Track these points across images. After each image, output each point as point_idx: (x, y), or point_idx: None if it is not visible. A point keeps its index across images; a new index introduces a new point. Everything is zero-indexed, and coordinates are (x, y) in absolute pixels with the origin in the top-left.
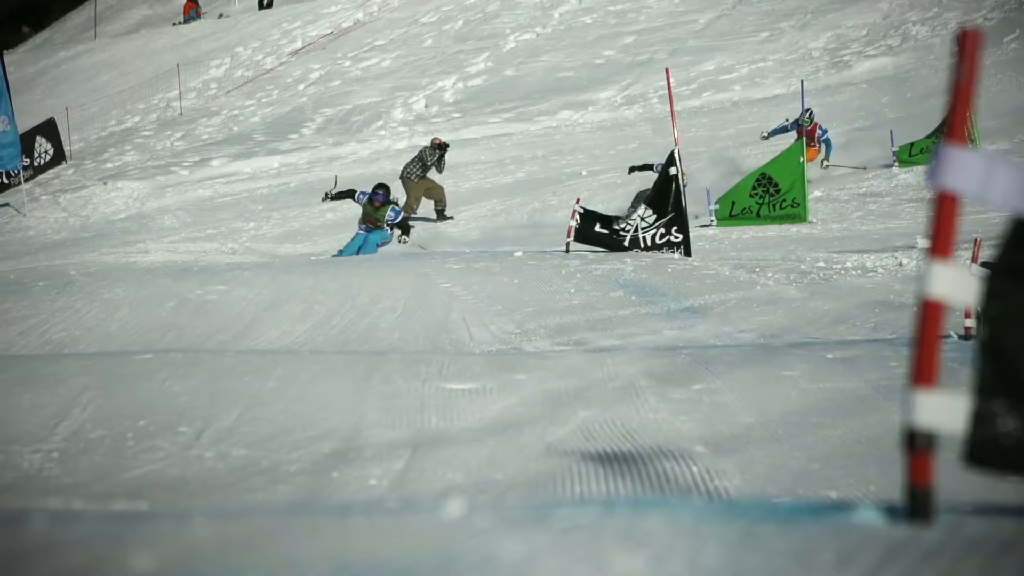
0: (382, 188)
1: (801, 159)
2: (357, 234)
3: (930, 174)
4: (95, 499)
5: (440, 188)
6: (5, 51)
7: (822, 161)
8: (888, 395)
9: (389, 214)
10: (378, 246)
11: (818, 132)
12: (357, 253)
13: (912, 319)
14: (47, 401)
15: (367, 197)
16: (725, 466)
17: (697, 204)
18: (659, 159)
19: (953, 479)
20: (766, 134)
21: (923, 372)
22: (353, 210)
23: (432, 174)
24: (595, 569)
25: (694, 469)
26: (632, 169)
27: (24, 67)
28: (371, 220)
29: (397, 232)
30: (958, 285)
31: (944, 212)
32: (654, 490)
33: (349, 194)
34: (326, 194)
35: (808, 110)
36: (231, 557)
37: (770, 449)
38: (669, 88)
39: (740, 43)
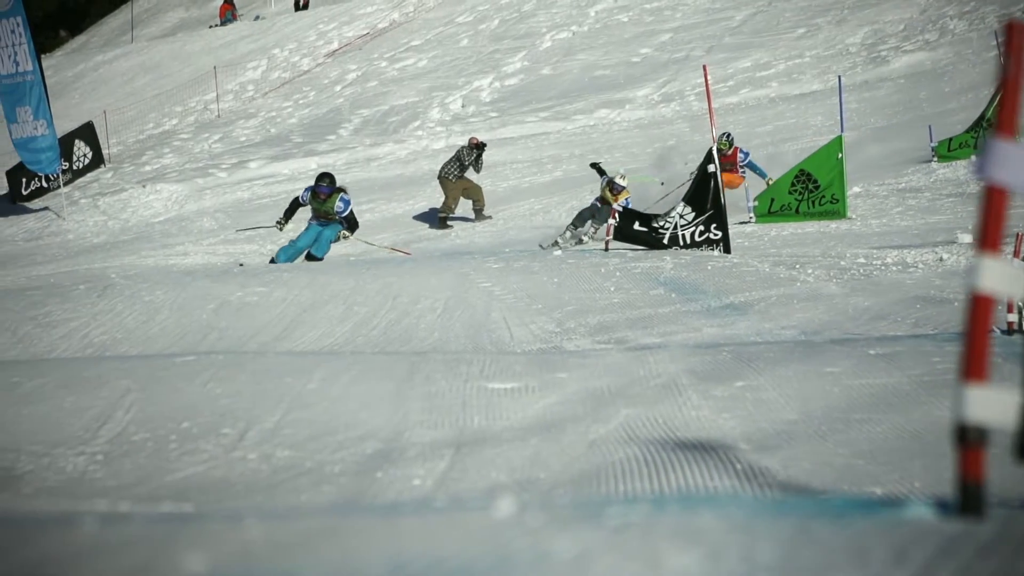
0: (326, 178)
1: (840, 155)
2: (310, 225)
3: (978, 168)
4: (140, 501)
5: (478, 188)
6: (43, 55)
7: (767, 181)
8: (931, 391)
9: (338, 204)
10: (331, 242)
11: (739, 156)
12: (307, 249)
13: (953, 314)
14: (90, 404)
15: (310, 192)
16: (769, 463)
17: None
18: (695, 157)
19: (1004, 474)
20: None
21: (973, 367)
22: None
23: (470, 174)
24: (650, 567)
25: (737, 466)
26: (594, 165)
27: (62, 71)
28: (321, 215)
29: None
30: (1007, 279)
31: (992, 206)
32: (698, 487)
33: (295, 204)
34: (278, 222)
35: (727, 134)
36: (284, 558)
37: (813, 445)
38: (707, 85)
39: (776, 39)
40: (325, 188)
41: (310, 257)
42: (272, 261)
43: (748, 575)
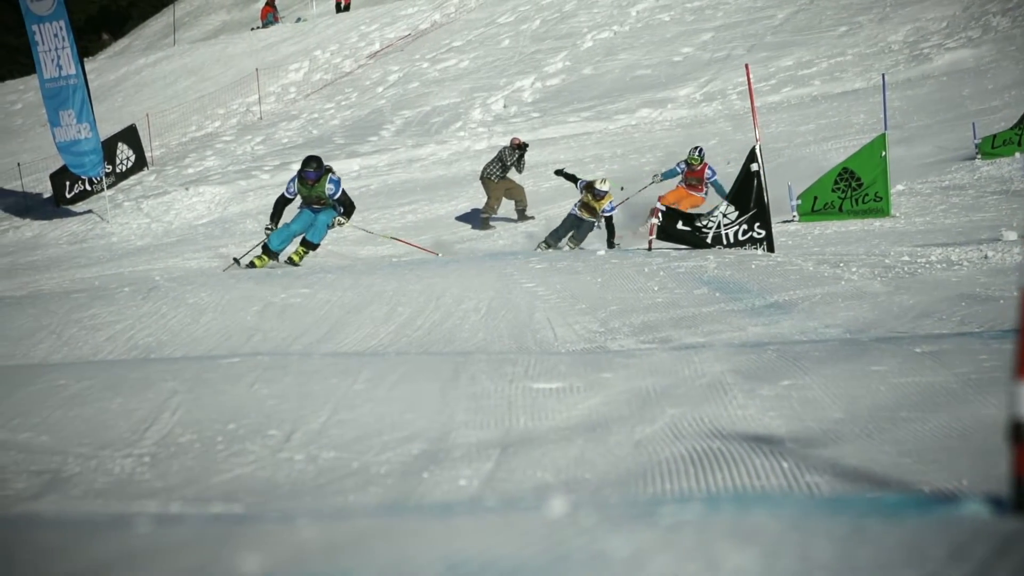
0: (312, 162)
1: (884, 153)
2: (303, 211)
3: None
4: (189, 503)
5: (520, 188)
6: (85, 58)
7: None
8: (978, 388)
9: (328, 187)
10: (328, 227)
11: (707, 173)
12: (301, 234)
13: (999, 312)
14: (136, 406)
15: (295, 181)
16: (815, 462)
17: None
18: (737, 156)
19: None
20: (659, 177)
21: None
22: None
23: (512, 174)
24: (706, 566)
25: (784, 465)
26: (559, 172)
27: (104, 74)
28: (312, 201)
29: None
30: None
31: None
32: (745, 487)
33: (281, 203)
34: (267, 228)
35: (698, 148)
36: (340, 558)
37: (860, 444)
38: (749, 84)
39: (819, 37)
40: (312, 173)
41: (305, 244)
42: (264, 248)
43: (805, 574)
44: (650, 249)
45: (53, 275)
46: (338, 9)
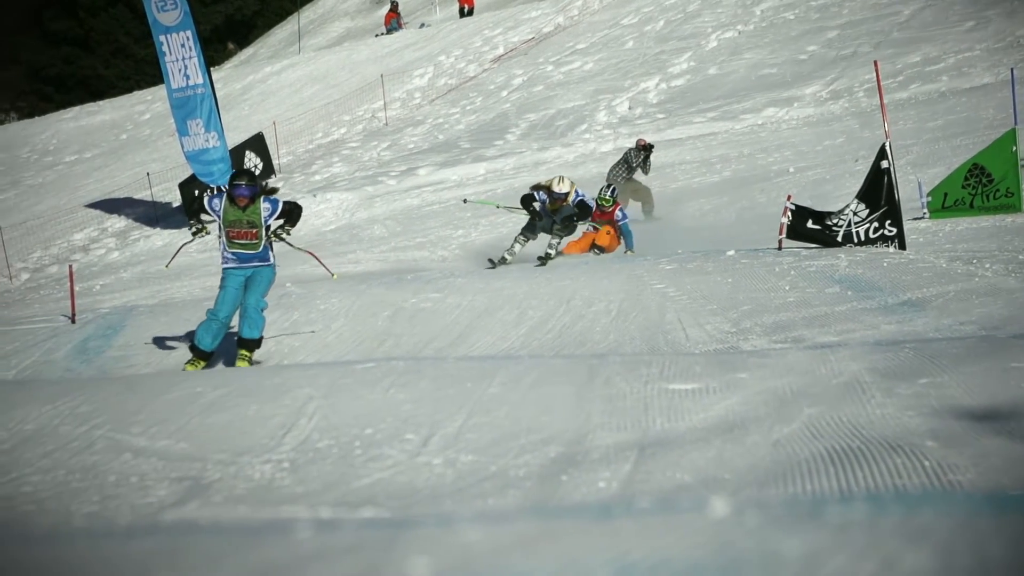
0: (243, 175)
1: (1014, 148)
2: (228, 276)
3: None
4: (335, 508)
5: (647, 190)
6: (212, 68)
7: (625, 251)
8: None
9: (265, 207)
10: (264, 302)
11: (617, 215)
12: (231, 320)
13: None
14: (273, 412)
15: (222, 197)
16: (958, 460)
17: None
18: (866, 154)
19: None
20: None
21: None
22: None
23: (638, 176)
24: (883, 566)
25: (926, 464)
26: (525, 200)
27: (231, 83)
28: (240, 235)
29: (285, 230)
30: None
31: None
32: (887, 486)
33: (198, 202)
34: (193, 232)
35: (611, 186)
36: (508, 560)
37: (1003, 442)
38: (879, 81)
39: (946, 33)
40: (244, 190)
41: (242, 344)
42: (191, 347)
43: (984, 574)
44: (780, 248)
45: (184, 283)
46: (461, 14)
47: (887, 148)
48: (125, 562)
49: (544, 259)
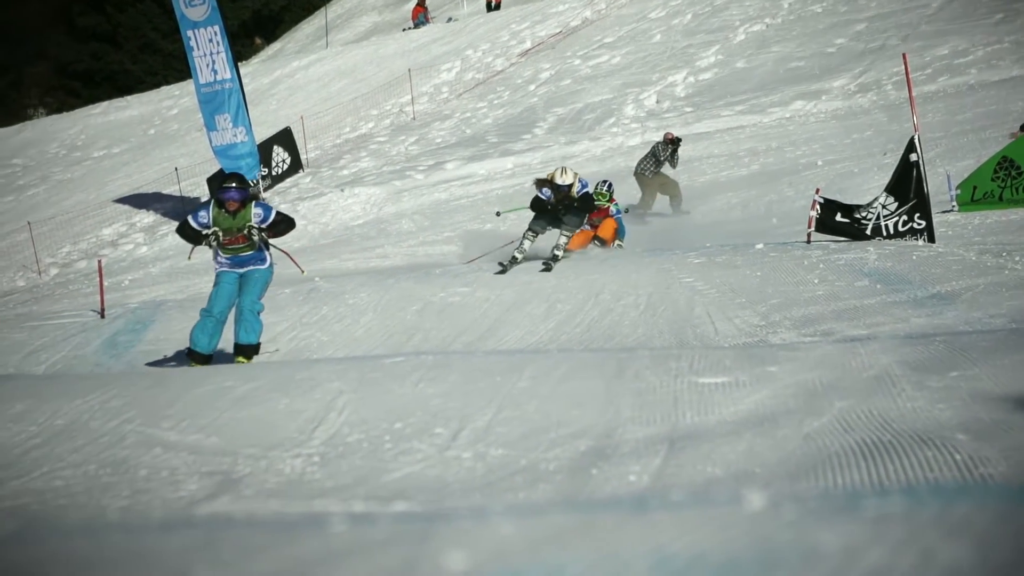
0: (233, 179)
1: None
2: (221, 275)
3: None
4: (365, 501)
5: (675, 184)
6: (239, 63)
7: (616, 244)
8: None
9: (256, 212)
10: (261, 299)
11: (612, 209)
12: (234, 306)
13: None
14: (303, 406)
15: (210, 208)
16: (989, 453)
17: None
18: (895, 147)
19: None
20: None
21: None
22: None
23: (666, 169)
24: (922, 560)
25: (957, 457)
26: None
27: (258, 78)
28: (233, 240)
29: (276, 246)
30: None
31: None
32: (919, 479)
33: (191, 231)
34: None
35: (607, 182)
36: (545, 553)
37: None
38: (907, 74)
39: (974, 25)
40: (234, 193)
41: (239, 351)
42: (189, 352)
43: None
44: (809, 241)
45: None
46: (489, 8)
47: (916, 141)
48: (161, 556)
49: (550, 263)
